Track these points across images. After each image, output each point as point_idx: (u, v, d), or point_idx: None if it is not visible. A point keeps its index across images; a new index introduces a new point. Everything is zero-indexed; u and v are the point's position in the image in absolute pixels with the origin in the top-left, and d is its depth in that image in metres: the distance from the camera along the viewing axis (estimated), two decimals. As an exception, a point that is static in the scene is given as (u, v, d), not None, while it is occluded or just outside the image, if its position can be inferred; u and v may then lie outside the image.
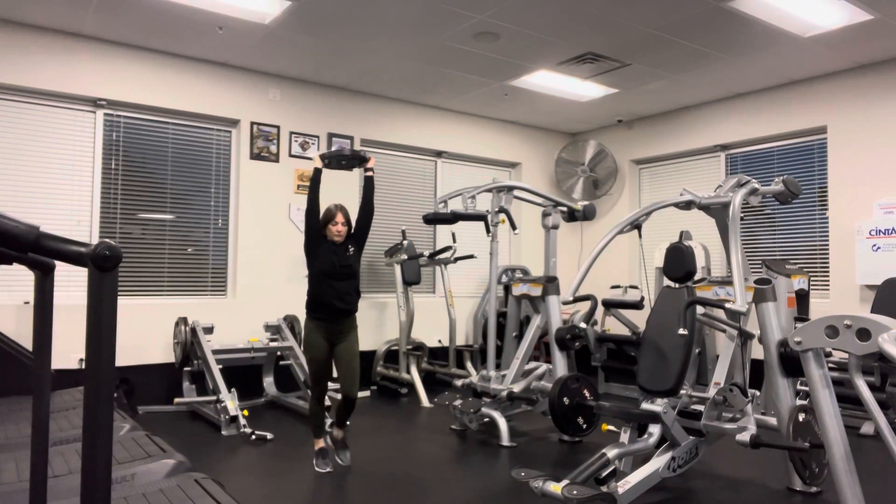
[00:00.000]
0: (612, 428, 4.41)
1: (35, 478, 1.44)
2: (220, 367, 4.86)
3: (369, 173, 3.91)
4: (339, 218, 3.70)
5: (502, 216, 4.85)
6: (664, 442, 3.33)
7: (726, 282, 3.95)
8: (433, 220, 5.07)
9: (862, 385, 2.20)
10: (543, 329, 4.76)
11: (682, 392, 3.41)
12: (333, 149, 3.75)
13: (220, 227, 5.94)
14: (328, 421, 4.71)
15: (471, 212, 4.83)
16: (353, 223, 3.81)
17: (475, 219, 4.87)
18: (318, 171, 3.77)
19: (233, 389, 4.67)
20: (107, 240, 1.01)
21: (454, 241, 6.36)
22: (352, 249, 3.75)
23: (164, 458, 2.83)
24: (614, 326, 6.29)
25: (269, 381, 5.75)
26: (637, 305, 5.67)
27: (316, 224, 3.69)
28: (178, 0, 4.52)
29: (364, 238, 3.83)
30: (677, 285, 3.58)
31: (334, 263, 3.66)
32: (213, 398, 4.66)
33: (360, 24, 4.90)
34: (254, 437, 4.39)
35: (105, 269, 0.99)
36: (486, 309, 6.84)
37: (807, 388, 2.64)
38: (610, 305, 5.95)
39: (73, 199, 5.25)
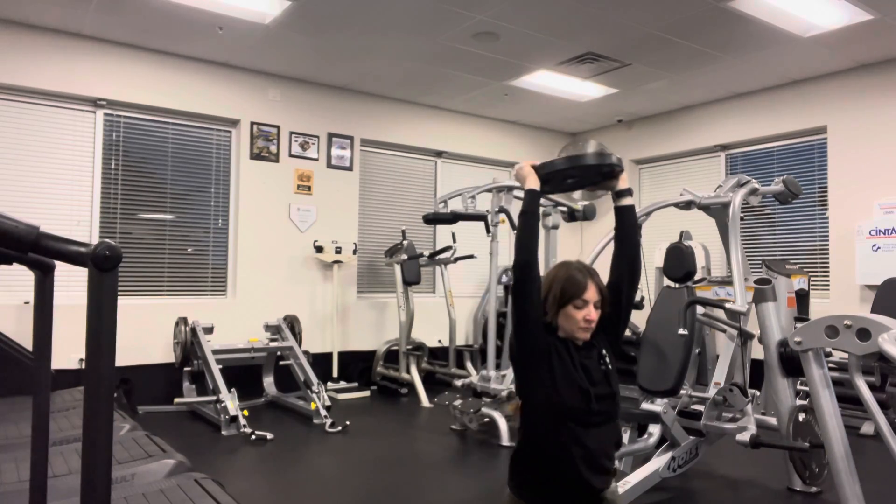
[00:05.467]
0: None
1: (35, 478, 1.44)
2: (220, 367, 4.86)
3: (627, 200, 1.98)
4: (592, 293, 1.82)
5: (502, 216, 4.85)
6: (664, 442, 3.33)
7: (726, 282, 3.95)
8: (433, 220, 5.08)
9: (862, 385, 2.20)
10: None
11: (682, 392, 3.41)
12: (560, 156, 2.03)
13: (220, 227, 5.94)
14: (328, 422, 4.71)
15: (471, 212, 4.83)
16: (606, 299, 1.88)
17: (475, 219, 4.87)
18: (534, 196, 1.91)
19: (233, 389, 4.66)
20: (107, 240, 1.01)
21: (454, 241, 6.35)
22: (606, 356, 1.88)
23: (164, 458, 2.83)
24: (614, 326, 6.29)
25: (269, 381, 5.75)
26: (637, 305, 5.66)
27: (537, 303, 1.83)
28: (178, 0, 4.52)
29: (623, 328, 1.97)
30: (677, 285, 3.58)
31: (585, 391, 1.79)
32: (213, 398, 4.66)
33: (360, 24, 4.90)
34: (254, 437, 4.38)
35: (105, 269, 0.99)
36: (486, 309, 6.83)
37: (807, 388, 2.64)
38: (610, 305, 5.93)
39: (73, 199, 5.24)
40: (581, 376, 1.80)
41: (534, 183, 1.92)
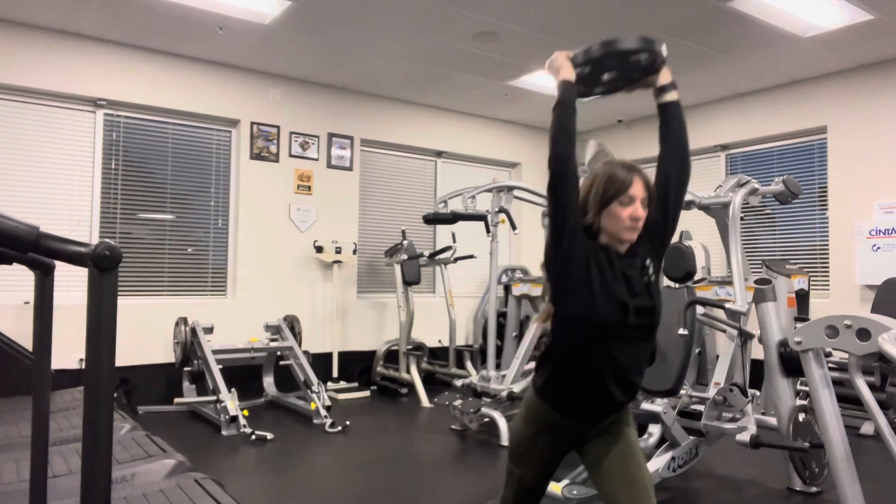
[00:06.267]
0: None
1: (35, 478, 1.44)
2: (220, 367, 4.86)
3: (673, 95, 1.85)
4: (638, 188, 1.68)
5: (502, 216, 4.85)
6: (664, 442, 3.33)
7: (726, 282, 3.95)
8: (433, 220, 5.08)
9: (862, 385, 2.20)
10: (543, 329, 4.76)
11: (682, 392, 3.41)
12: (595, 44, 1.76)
13: (220, 227, 5.94)
14: (328, 422, 4.71)
15: (471, 212, 4.83)
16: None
17: (475, 219, 4.87)
18: (568, 87, 1.74)
19: (233, 389, 4.66)
20: (107, 240, 1.01)
21: (454, 241, 6.35)
22: (650, 266, 1.74)
23: (164, 458, 2.83)
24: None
25: (269, 381, 5.75)
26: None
27: (574, 204, 1.66)
28: (178, 0, 4.52)
29: (670, 236, 1.81)
30: (677, 285, 3.58)
31: (623, 304, 1.65)
32: (213, 398, 4.66)
33: (360, 24, 4.90)
34: (254, 437, 4.38)
35: (105, 269, 0.99)
36: (486, 309, 6.83)
37: (807, 388, 2.64)
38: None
39: (73, 199, 5.24)
40: (621, 287, 1.64)
41: (568, 73, 1.74)
